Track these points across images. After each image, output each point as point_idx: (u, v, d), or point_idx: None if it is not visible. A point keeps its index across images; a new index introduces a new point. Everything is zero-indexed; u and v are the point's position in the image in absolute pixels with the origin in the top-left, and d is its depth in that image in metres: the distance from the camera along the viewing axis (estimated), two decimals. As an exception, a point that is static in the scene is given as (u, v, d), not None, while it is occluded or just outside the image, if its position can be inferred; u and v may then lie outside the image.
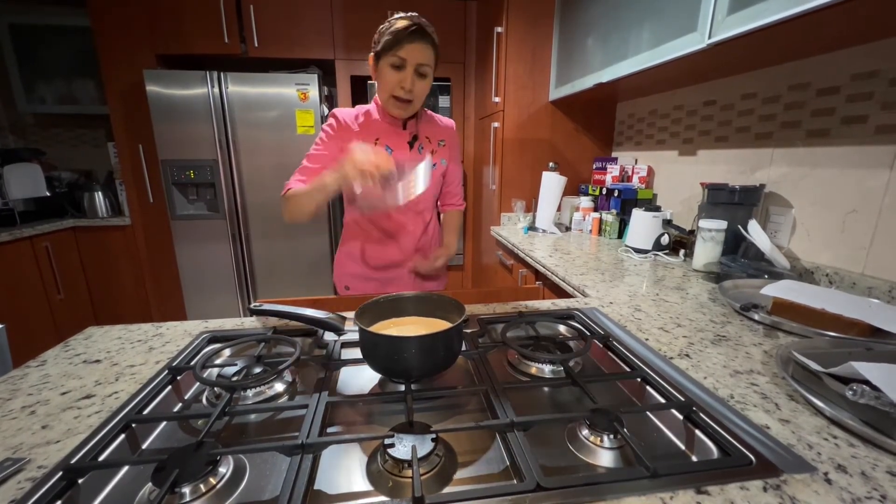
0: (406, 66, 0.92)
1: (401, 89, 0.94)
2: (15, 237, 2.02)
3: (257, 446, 0.47)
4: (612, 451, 0.49)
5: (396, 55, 0.91)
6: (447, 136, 1.14)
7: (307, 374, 0.69)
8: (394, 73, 0.93)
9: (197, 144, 2.24)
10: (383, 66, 0.94)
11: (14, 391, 0.59)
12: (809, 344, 0.68)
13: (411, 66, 0.92)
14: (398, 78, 0.93)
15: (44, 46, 2.49)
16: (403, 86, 0.93)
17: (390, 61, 0.92)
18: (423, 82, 0.95)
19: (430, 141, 1.10)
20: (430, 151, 1.10)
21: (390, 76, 0.94)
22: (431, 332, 0.57)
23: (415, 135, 1.08)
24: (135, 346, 0.74)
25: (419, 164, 0.84)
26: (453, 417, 0.57)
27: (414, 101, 0.97)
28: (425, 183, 0.83)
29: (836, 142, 1.02)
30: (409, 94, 0.95)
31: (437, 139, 1.12)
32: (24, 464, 0.45)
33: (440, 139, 1.12)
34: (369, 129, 1.04)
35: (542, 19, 1.91)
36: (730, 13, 0.90)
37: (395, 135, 1.06)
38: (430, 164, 0.91)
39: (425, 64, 0.93)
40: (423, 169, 0.83)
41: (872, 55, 0.93)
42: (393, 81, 0.94)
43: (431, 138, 1.11)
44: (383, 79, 0.95)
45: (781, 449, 0.47)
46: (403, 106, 0.98)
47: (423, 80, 0.95)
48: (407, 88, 0.94)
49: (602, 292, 1.02)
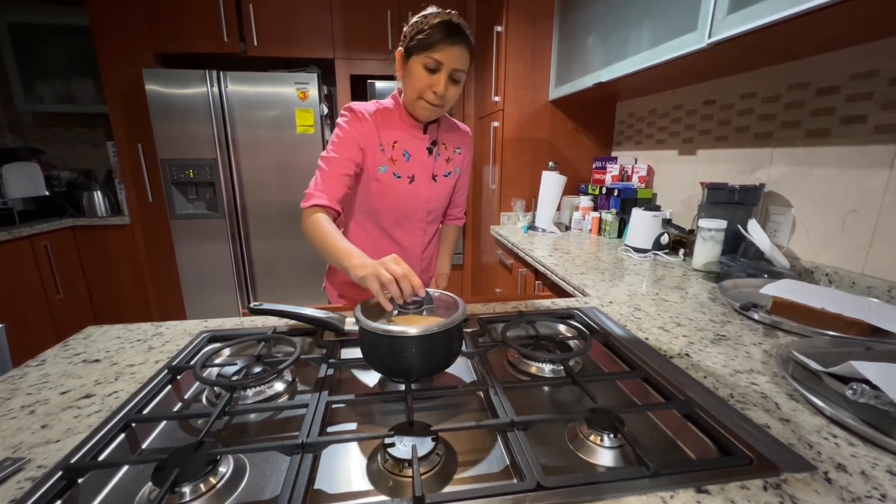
0: (441, 70, 0.84)
1: (433, 94, 0.86)
2: (14, 236, 2.02)
3: (257, 446, 0.47)
4: (612, 450, 0.49)
5: (431, 57, 0.83)
6: (464, 145, 1.08)
7: (307, 373, 0.69)
8: (426, 76, 0.85)
9: (196, 144, 2.24)
10: (414, 65, 0.85)
11: (13, 391, 0.59)
12: (809, 343, 0.68)
13: (446, 70, 0.84)
14: (430, 81, 0.85)
15: (43, 45, 2.49)
16: (436, 90, 0.85)
17: (423, 62, 0.84)
18: (455, 88, 0.88)
19: (446, 147, 1.04)
20: (445, 159, 1.04)
21: (422, 78, 0.85)
22: (431, 330, 0.57)
23: (434, 140, 1.01)
24: (134, 345, 0.74)
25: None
26: (453, 417, 0.57)
27: (444, 106, 0.90)
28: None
29: (836, 141, 1.02)
30: (440, 101, 0.87)
31: (453, 146, 1.06)
32: (23, 463, 0.45)
33: (457, 146, 1.06)
34: (388, 129, 0.96)
35: (542, 18, 1.91)
36: (730, 12, 0.89)
37: (416, 139, 0.98)
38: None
39: (461, 70, 0.85)
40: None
41: (872, 55, 0.93)
42: (424, 84, 0.86)
43: (448, 145, 1.05)
44: (413, 79, 0.87)
45: (781, 448, 0.47)
46: (432, 109, 0.90)
47: (456, 85, 0.87)
48: (440, 94, 0.85)
49: (602, 292, 1.02)
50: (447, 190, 1.07)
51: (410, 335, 0.57)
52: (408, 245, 1.07)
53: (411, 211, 1.03)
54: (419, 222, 1.06)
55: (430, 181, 1.02)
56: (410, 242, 1.08)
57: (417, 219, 1.05)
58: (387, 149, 0.96)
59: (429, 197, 1.03)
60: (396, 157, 0.97)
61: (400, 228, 1.05)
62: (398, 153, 0.97)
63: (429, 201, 1.04)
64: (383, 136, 0.95)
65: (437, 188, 1.04)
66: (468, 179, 1.18)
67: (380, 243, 1.05)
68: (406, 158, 0.98)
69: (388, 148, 0.96)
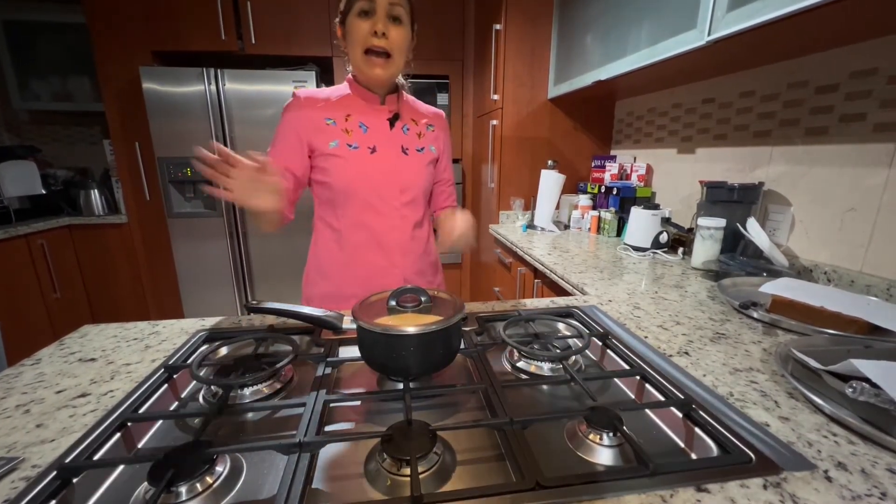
0: (375, 8, 0.79)
1: (373, 36, 0.80)
2: (10, 235, 2.01)
3: (254, 445, 0.46)
4: (611, 448, 0.48)
5: (361, 1, 0.79)
6: (435, 122, 1.00)
7: (305, 372, 0.68)
8: (364, 22, 0.79)
9: (194, 142, 2.20)
10: (351, 21, 0.81)
11: (9, 389, 0.59)
12: (808, 342, 0.68)
13: (382, 9, 0.79)
14: (369, 24, 0.79)
15: (38, 43, 2.47)
16: (376, 29, 0.79)
17: (357, 8, 0.79)
18: (399, 29, 0.81)
19: (416, 123, 0.96)
20: (416, 133, 0.95)
21: (360, 27, 0.80)
22: (430, 328, 0.56)
23: (396, 113, 0.93)
24: (131, 344, 0.73)
25: None
26: (452, 416, 0.57)
27: (393, 54, 0.82)
28: None
29: (835, 140, 1.02)
30: (383, 42, 0.80)
31: (424, 122, 0.97)
32: (18, 463, 0.44)
33: (428, 123, 0.98)
34: (340, 105, 0.89)
35: (541, 17, 1.90)
36: (729, 10, 0.89)
37: (372, 111, 0.91)
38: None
39: (397, 4, 0.80)
40: None
41: (871, 53, 0.93)
42: (364, 32, 0.80)
43: (417, 119, 0.97)
44: (352, 35, 0.81)
45: (781, 447, 0.46)
46: (380, 62, 0.82)
47: (399, 25, 0.81)
48: (380, 31, 0.79)
49: (601, 290, 1.02)
50: (421, 167, 0.95)
51: (409, 334, 0.56)
52: (383, 230, 0.93)
53: (379, 186, 0.91)
54: (392, 202, 0.92)
55: (397, 153, 0.92)
56: (386, 227, 0.93)
57: (390, 197, 0.92)
58: (338, 121, 0.89)
59: (398, 169, 0.92)
60: (351, 128, 0.89)
61: (372, 211, 0.91)
62: (352, 125, 0.90)
63: (399, 173, 0.92)
64: (333, 112, 0.89)
65: (408, 161, 0.93)
66: (451, 169, 1.07)
67: (349, 236, 0.93)
68: (363, 130, 0.90)
69: (339, 121, 0.89)
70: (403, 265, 0.96)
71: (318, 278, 0.98)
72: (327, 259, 0.96)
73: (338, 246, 0.94)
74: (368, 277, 0.94)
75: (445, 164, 1.05)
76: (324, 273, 0.97)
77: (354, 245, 0.93)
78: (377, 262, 0.95)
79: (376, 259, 0.94)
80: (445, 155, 1.04)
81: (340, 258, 0.95)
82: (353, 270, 0.95)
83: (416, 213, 0.97)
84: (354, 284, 0.94)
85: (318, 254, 0.98)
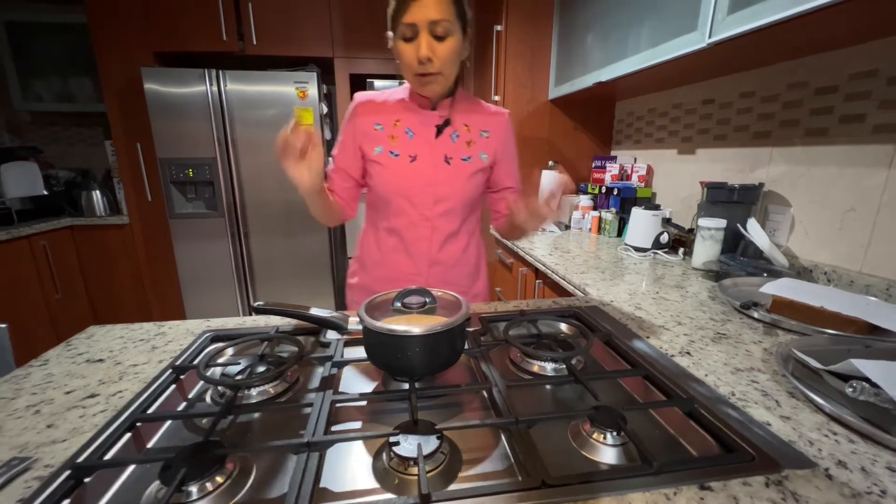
0: (418, 31, 0.76)
1: (419, 62, 0.77)
2: (13, 236, 2.01)
3: (263, 445, 0.47)
4: (615, 447, 0.49)
5: (403, 23, 0.75)
6: (494, 127, 0.93)
7: (310, 372, 0.69)
8: (408, 47, 0.77)
9: (195, 143, 2.24)
10: (398, 45, 0.79)
11: (18, 390, 0.59)
12: (809, 342, 0.69)
13: (424, 28, 0.75)
14: (413, 49, 0.77)
15: (40, 44, 2.48)
16: (420, 57, 0.76)
17: (401, 34, 0.77)
18: (444, 44, 0.77)
19: (469, 129, 0.91)
20: (466, 142, 0.91)
21: (405, 52, 0.78)
22: (435, 330, 0.57)
23: (447, 119, 0.90)
24: (137, 345, 0.74)
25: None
26: (457, 415, 0.58)
27: (443, 70, 0.80)
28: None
29: (835, 140, 1.03)
30: (429, 64, 0.77)
31: (478, 128, 0.92)
32: (30, 463, 0.45)
33: (483, 129, 0.93)
34: (392, 109, 0.90)
35: (542, 17, 1.91)
36: (730, 12, 0.90)
37: (421, 116, 0.90)
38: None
39: (441, 20, 0.74)
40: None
41: (871, 54, 0.94)
42: (409, 56, 0.78)
43: (472, 126, 0.92)
44: (401, 58, 0.80)
45: (782, 445, 0.47)
46: (429, 80, 0.81)
47: (444, 41, 0.77)
48: (425, 57, 0.76)
49: (602, 291, 1.03)
50: (464, 177, 0.91)
51: (415, 335, 0.57)
52: (411, 239, 0.93)
53: (414, 195, 0.90)
54: (425, 212, 0.92)
55: (439, 163, 0.90)
56: (414, 236, 0.93)
57: (423, 206, 0.91)
58: (387, 127, 0.90)
59: (436, 180, 0.90)
60: (397, 134, 0.90)
61: (404, 218, 0.92)
62: (400, 131, 0.90)
63: (436, 185, 0.90)
64: (384, 117, 0.90)
65: (449, 171, 0.90)
66: (515, 176, 0.99)
67: (384, 239, 0.96)
68: (409, 136, 0.90)
69: (387, 126, 0.90)
70: (429, 275, 0.97)
71: (358, 269, 1.04)
72: (367, 254, 1.02)
73: (376, 245, 0.99)
74: (396, 280, 0.96)
75: (507, 171, 0.98)
76: (363, 265, 1.03)
77: (387, 248, 0.97)
78: (405, 268, 0.97)
79: (404, 265, 0.97)
80: (505, 161, 0.97)
81: (377, 256, 0.99)
82: (385, 270, 0.99)
83: (451, 224, 0.95)
84: (384, 283, 0.95)
85: (362, 247, 1.04)
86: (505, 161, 0.97)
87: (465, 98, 0.93)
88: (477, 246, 1.04)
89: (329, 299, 2.60)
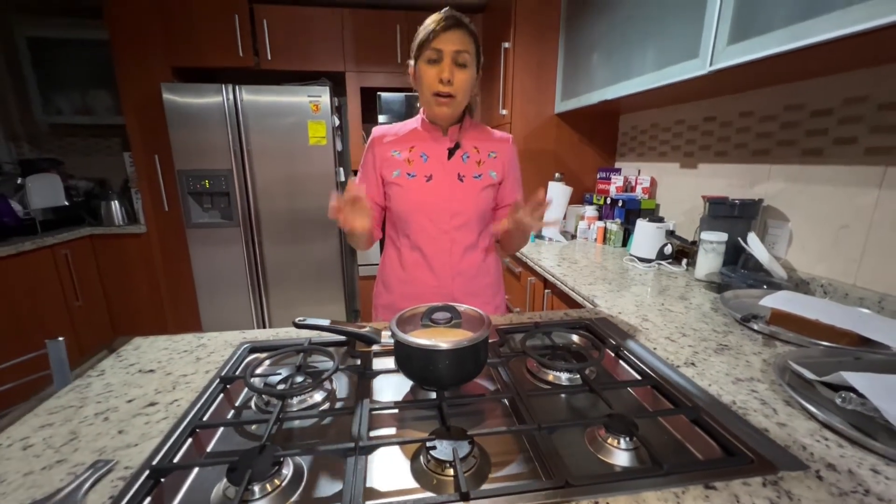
0: (443, 57, 0.88)
1: (439, 83, 0.89)
2: (37, 245, 2.09)
3: (318, 449, 0.53)
4: (628, 451, 0.55)
5: (431, 48, 0.87)
6: (500, 149, 1.03)
7: (343, 382, 0.75)
8: (431, 69, 0.89)
9: (212, 154, 2.31)
10: (421, 67, 0.90)
11: (84, 399, 0.65)
12: (804, 353, 0.74)
13: (448, 55, 0.87)
14: (436, 71, 0.89)
15: (61, 59, 2.56)
16: (442, 77, 0.88)
17: (427, 57, 0.89)
18: (463, 73, 0.89)
19: (478, 151, 1.01)
20: (476, 161, 1.00)
21: (428, 73, 0.89)
22: (462, 344, 0.63)
23: (457, 142, 1.00)
24: (182, 356, 0.80)
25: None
26: (483, 422, 0.64)
27: (457, 95, 0.91)
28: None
29: (829, 160, 1.08)
30: (449, 87, 0.89)
31: (486, 150, 1.02)
32: (113, 465, 0.51)
33: (491, 150, 1.02)
34: (405, 139, 1.00)
35: (548, 35, 1.98)
36: (730, 44, 0.96)
37: (434, 141, 1.00)
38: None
39: (463, 51, 0.88)
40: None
41: (863, 81, 1.00)
42: (432, 77, 0.89)
43: (480, 148, 1.01)
44: (422, 79, 0.91)
45: (778, 449, 0.53)
46: (446, 102, 0.91)
47: (464, 70, 0.89)
48: (446, 79, 0.88)
49: (610, 302, 1.08)
50: (476, 192, 1.00)
51: (444, 349, 0.63)
52: (433, 253, 1.01)
53: (432, 211, 0.99)
54: (444, 226, 0.99)
55: (453, 180, 0.99)
56: (435, 250, 1.01)
57: (441, 221, 0.99)
58: (403, 153, 0.99)
59: (451, 196, 0.98)
60: (413, 158, 0.99)
61: (424, 235, 1.00)
62: (415, 155, 0.99)
63: (451, 200, 0.99)
64: (400, 145, 1.00)
65: (463, 188, 0.99)
66: (517, 194, 1.06)
67: (406, 256, 1.03)
68: (424, 159, 0.99)
69: (404, 152, 0.99)
70: (452, 286, 1.03)
71: (382, 290, 1.10)
72: (390, 273, 1.07)
73: (399, 263, 1.05)
74: (421, 295, 1.03)
75: (510, 188, 1.06)
76: (387, 285, 1.08)
77: (411, 264, 1.03)
78: (429, 282, 1.03)
79: (428, 279, 1.03)
80: (510, 179, 1.05)
81: (400, 274, 1.05)
82: (409, 287, 1.04)
83: (467, 237, 1.02)
84: (409, 299, 1.01)
85: (384, 268, 1.10)
86: (510, 179, 1.05)
87: (473, 125, 1.04)
88: (495, 259, 1.11)
89: (339, 304, 2.66)
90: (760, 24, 0.88)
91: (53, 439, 0.56)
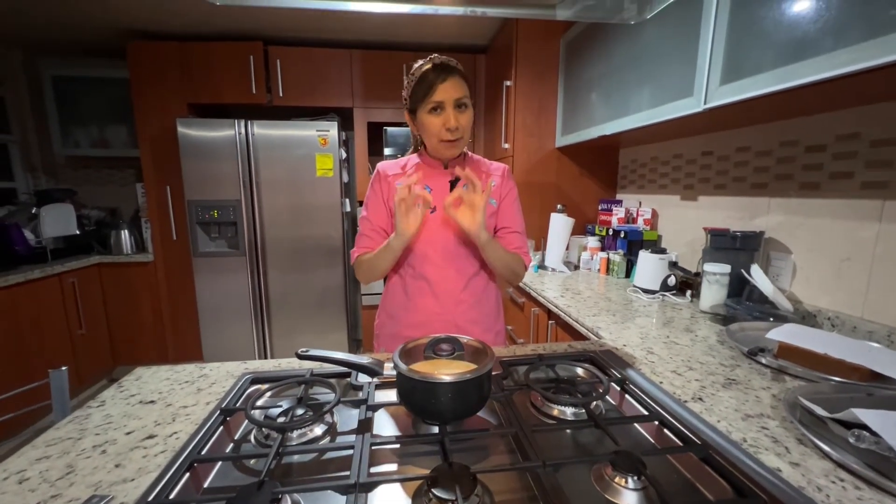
0: (445, 106, 0.92)
1: (447, 131, 0.94)
2: (46, 274, 2.12)
3: (315, 486, 0.52)
4: (636, 491, 0.53)
5: (432, 101, 0.92)
6: (498, 177, 1.07)
7: (344, 415, 0.74)
8: (436, 118, 0.93)
9: (222, 185, 2.38)
10: (423, 117, 0.95)
11: (82, 431, 0.65)
12: (814, 389, 0.73)
13: (449, 104, 0.92)
14: (441, 121, 0.93)
15: (82, 95, 2.70)
16: (448, 126, 0.93)
17: (428, 108, 0.93)
18: (465, 115, 0.95)
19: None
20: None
21: (433, 122, 0.94)
22: (465, 378, 0.62)
23: (457, 176, 1.02)
24: (183, 386, 0.80)
25: None
26: (486, 458, 0.62)
27: (463, 135, 0.97)
28: None
29: (827, 194, 1.10)
30: (456, 133, 0.94)
31: (486, 180, 1.03)
32: (109, 501, 0.50)
33: (489, 179, 1.02)
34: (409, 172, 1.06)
35: (548, 74, 2.07)
36: (722, 83, 1.00)
37: (437, 174, 1.05)
38: None
39: (462, 97, 0.93)
40: None
41: (854, 119, 1.03)
42: (437, 127, 0.94)
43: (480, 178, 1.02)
44: (427, 128, 0.96)
45: (793, 491, 0.51)
46: (454, 144, 0.97)
47: (465, 111, 0.95)
48: (453, 127, 0.93)
49: (615, 334, 1.07)
50: None
51: (446, 382, 0.62)
52: (436, 280, 1.03)
53: (435, 240, 1.02)
54: (446, 254, 1.03)
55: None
56: (439, 277, 1.03)
57: (444, 249, 1.03)
58: None
59: (455, 226, 1.01)
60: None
61: (428, 263, 1.03)
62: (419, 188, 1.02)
63: (455, 228, 1.02)
64: (404, 178, 1.02)
65: None
66: (518, 214, 1.09)
67: (410, 283, 1.05)
68: (427, 191, 1.00)
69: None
70: (455, 313, 1.05)
71: (386, 319, 1.11)
72: (395, 301, 1.09)
73: (402, 291, 1.07)
74: (424, 322, 1.04)
75: (507, 212, 1.08)
76: (390, 314, 1.10)
77: (414, 292, 1.05)
78: (432, 309, 1.04)
79: (431, 306, 1.04)
80: (507, 202, 1.08)
81: (403, 302, 1.07)
82: (413, 315, 1.06)
83: (471, 265, 1.05)
84: (413, 327, 1.04)
85: (388, 296, 1.11)
86: (506, 204, 1.08)
87: (471, 160, 1.10)
88: (496, 288, 1.13)
89: (342, 333, 2.64)
90: (750, 66, 0.92)
91: (50, 473, 0.55)
